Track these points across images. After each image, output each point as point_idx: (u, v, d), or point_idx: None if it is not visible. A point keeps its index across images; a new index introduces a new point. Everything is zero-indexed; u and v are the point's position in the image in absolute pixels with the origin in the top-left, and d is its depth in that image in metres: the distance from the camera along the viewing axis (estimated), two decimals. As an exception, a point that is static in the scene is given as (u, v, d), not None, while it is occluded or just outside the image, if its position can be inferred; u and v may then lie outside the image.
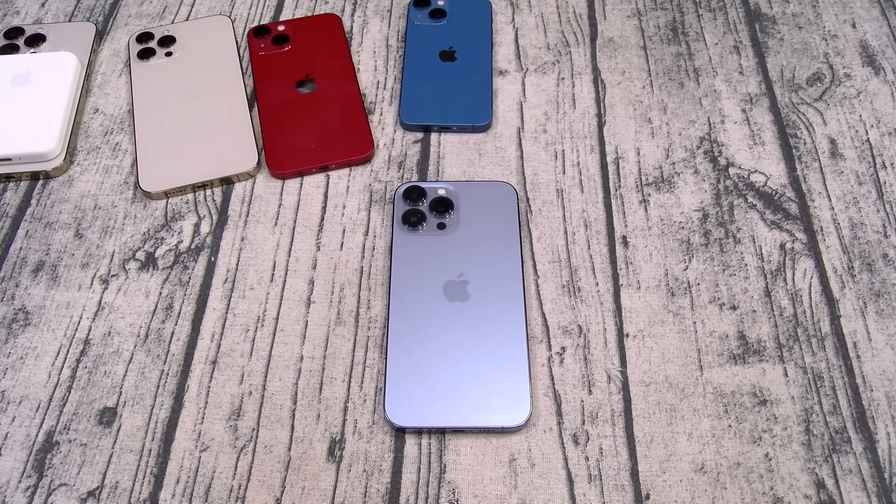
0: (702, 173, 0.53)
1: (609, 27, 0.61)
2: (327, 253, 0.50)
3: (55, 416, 0.44)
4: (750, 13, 0.62)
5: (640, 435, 0.43)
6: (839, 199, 0.52)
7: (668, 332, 0.46)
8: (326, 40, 0.60)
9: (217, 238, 0.51)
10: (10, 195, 0.53)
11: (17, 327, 0.47)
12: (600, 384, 0.44)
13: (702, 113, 0.56)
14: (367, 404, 0.44)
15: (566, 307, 0.47)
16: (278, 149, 0.54)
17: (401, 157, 0.54)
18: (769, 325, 0.46)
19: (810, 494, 0.41)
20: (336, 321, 0.47)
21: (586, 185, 0.52)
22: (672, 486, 0.41)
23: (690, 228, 0.50)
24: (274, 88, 0.57)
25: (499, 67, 0.59)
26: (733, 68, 0.58)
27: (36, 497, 0.41)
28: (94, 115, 0.57)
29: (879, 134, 0.55)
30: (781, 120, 0.55)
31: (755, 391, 0.44)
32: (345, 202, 0.52)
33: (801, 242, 0.50)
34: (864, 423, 0.43)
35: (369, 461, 0.42)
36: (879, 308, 0.47)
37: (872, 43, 0.60)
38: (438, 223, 0.49)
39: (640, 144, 0.54)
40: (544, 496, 0.41)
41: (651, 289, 0.48)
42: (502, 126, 0.56)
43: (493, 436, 0.43)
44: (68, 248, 0.50)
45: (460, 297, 0.46)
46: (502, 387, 0.43)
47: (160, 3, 0.64)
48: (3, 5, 0.64)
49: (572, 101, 0.57)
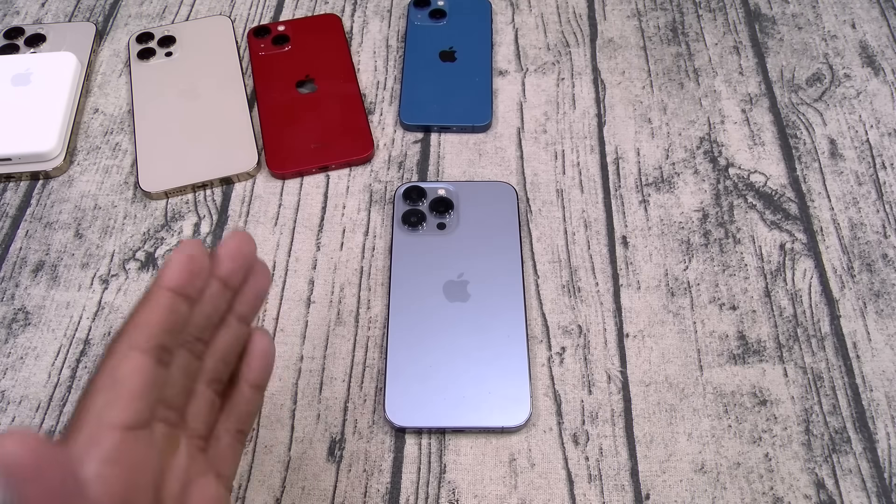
0: (702, 173, 0.53)
1: (609, 27, 0.61)
2: (327, 253, 0.50)
3: (55, 416, 0.44)
4: (750, 14, 0.62)
5: (640, 435, 0.43)
6: (839, 199, 0.52)
7: (667, 333, 0.46)
8: (326, 40, 0.60)
9: (217, 238, 0.51)
10: (10, 195, 0.53)
11: (17, 327, 0.47)
12: (600, 384, 0.44)
13: (702, 113, 0.56)
14: (367, 404, 0.44)
15: (566, 307, 0.47)
16: (278, 149, 0.54)
17: (401, 157, 0.54)
18: (769, 326, 0.46)
19: (810, 494, 0.41)
20: (336, 321, 0.47)
21: (586, 185, 0.53)
22: (672, 486, 0.41)
23: (690, 229, 0.50)
24: (274, 88, 0.57)
25: (499, 68, 0.59)
26: (733, 69, 0.58)
27: (36, 497, 0.41)
28: (94, 115, 0.57)
29: (879, 134, 0.55)
30: (781, 120, 0.55)
31: (755, 391, 0.44)
32: (345, 202, 0.52)
33: (800, 243, 0.50)
34: (864, 423, 0.43)
35: (369, 461, 0.42)
36: (879, 308, 0.47)
37: (872, 43, 0.60)
38: (438, 223, 0.49)
39: (639, 145, 0.54)
40: (544, 496, 0.41)
41: (651, 289, 0.48)
42: (502, 126, 0.56)
43: (493, 436, 0.43)
44: (68, 248, 0.50)
45: (460, 297, 0.46)
46: (502, 387, 0.43)
47: (160, 3, 0.64)
48: (3, 5, 0.64)
49: (572, 102, 0.57)
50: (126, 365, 0.27)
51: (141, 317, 0.28)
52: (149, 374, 0.28)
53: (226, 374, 0.33)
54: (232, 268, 0.32)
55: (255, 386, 0.34)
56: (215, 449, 0.32)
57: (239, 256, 0.32)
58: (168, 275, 0.29)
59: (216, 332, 0.32)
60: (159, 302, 0.29)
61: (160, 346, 0.28)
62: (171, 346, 0.29)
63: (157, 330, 0.28)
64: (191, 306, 0.30)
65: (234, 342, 0.33)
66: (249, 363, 0.34)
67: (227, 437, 0.33)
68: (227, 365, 0.33)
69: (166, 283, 0.29)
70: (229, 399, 0.33)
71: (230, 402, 0.33)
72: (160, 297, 0.29)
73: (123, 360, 0.27)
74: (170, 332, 0.29)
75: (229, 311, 0.33)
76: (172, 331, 0.29)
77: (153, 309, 0.29)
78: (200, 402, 0.32)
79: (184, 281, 0.29)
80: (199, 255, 0.30)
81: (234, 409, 0.33)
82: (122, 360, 0.27)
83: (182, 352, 0.30)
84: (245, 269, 0.33)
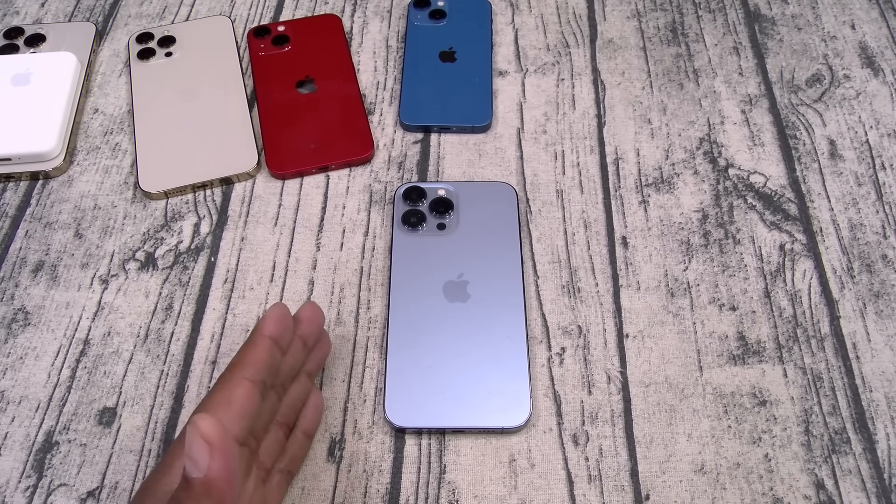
0: (701, 174, 0.53)
1: (609, 28, 0.61)
2: (327, 253, 0.50)
3: (55, 416, 0.44)
4: (749, 14, 0.62)
5: (640, 435, 0.43)
6: (839, 200, 0.52)
7: (667, 333, 0.46)
8: (326, 41, 0.60)
9: (217, 238, 0.51)
10: (10, 195, 0.53)
11: (17, 327, 0.47)
12: (600, 385, 0.44)
13: (701, 114, 0.56)
14: (367, 404, 0.44)
15: (566, 308, 0.47)
16: (278, 149, 0.54)
17: (401, 157, 0.54)
18: (769, 326, 0.46)
19: (810, 495, 0.41)
20: (336, 321, 0.47)
21: (586, 185, 0.53)
22: (672, 486, 0.41)
23: (690, 229, 0.50)
24: (274, 89, 0.57)
25: (499, 68, 0.59)
26: (733, 69, 0.58)
27: (35, 497, 0.41)
28: (94, 115, 0.57)
29: (879, 135, 0.55)
30: (781, 121, 0.55)
31: (755, 392, 0.44)
32: (345, 202, 0.52)
33: (800, 243, 0.50)
34: (864, 423, 0.43)
35: (369, 461, 0.42)
36: (879, 309, 0.47)
37: (872, 44, 0.60)
38: (438, 223, 0.49)
39: (639, 145, 0.54)
40: (544, 496, 0.41)
41: (651, 289, 0.48)
42: (502, 127, 0.56)
43: (493, 436, 0.43)
44: (68, 248, 0.50)
45: (460, 297, 0.46)
46: (502, 387, 0.43)
47: (160, 3, 0.64)
48: (3, 5, 0.64)
49: (572, 102, 0.57)
50: (240, 390, 0.34)
51: (249, 355, 0.35)
52: (256, 400, 0.34)
53: (293, 420, 0.40)
54: (310, 330, 0.40)
55: (307, 434, 0.41)
56: (269, 484, 0.37)
57: (315, 321, 0.40)
58: (268, 325, 0.36)
59: (292, 382, 0.40)
60: (263, 345, 0.36)
61: (263, 381, 0.35)
62: (268, 384, 0.36)
63: (263, 367, 0.35)
64: (282, 355, 0.37)
65: (302, 394, 0.40)
66: (306, 414, 0.41)
67: (279, 476, 0.38)
68: (294, 412, 0.40)
69: (267, 332, 0.36)
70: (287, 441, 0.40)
71: (287, 443, 0.39)
72: (263, 342, 0.36)
73: (238, 387, 0.34)
74: (270, 372, 0.36)
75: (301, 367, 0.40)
76: (271, 371, 0.36)
77: (259, 350, 0.35)
78: (272, 439, 0.38)
79: (279, 332, 0.36)
80: (287, 315, 0.37)
81: (289, 451, 0.39)
82: (236, 386, 0.34)
83: (271, 393, 0.37)
84: (318, 334, 0.41)
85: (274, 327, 0.36)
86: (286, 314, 0.37)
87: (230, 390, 0.34)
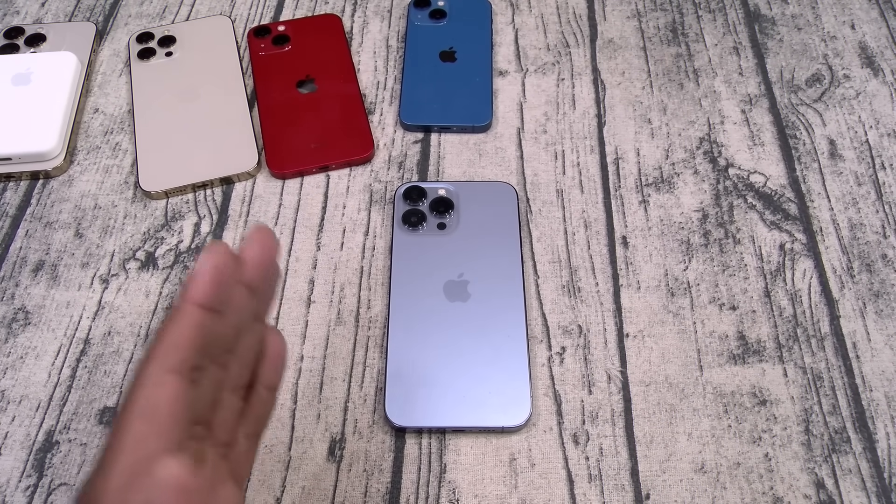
0: (701, 174, 0.53)
1: (609, 28, 0.61)
2: (327, 253, 0.50)
3: (55, 415, 0.44)
4: (749, 14, 0.62)
5: (640, 435, 0.43)
6: (838, 199, 0.52)
7: (667, 333, 0.46)
8: (326, 40, 0.60)
9: (217, 238, 0.51)
10: (10, 195, 0.53)
11: (17, 327, 0.47)
12: (600, 384, 0.44)
13: (701, 114, 0.56)
14: (367, 404, 0.44)
15: (566, 307, 0.47)
16: (278, 149, 0.54)
17: (401, 157, 0.54)
18: (769, 326, 0.46)
19: (810, 494, 0.41)
20: (336, 321, 0.47)
21: (586, 185, 0.53)
22: (672, 485, 0.41)
23: (690, 229, 0.50)
24: (274, 88, 0.57)
25: (499, 68, 0.59)
26: (733, 69, 0.58)
27: (36, 497, 0.41)
28: (94, 114, 0.57)
29: (878, 135, 0.55)
30: (781, 121, 0.56)
31: (755, 391, 0.44)
32: (345, 202, 0.52)
33: (800, 243, 0.50)
34: (864, 423, 0.43)
35: (369, 461, 0.42)
36: (879, 308, 0.47)
37: (871, 44, 0.60)
38: (438, 223, 0.49)
39: (639, 145, 0.54)
40: (544, 496, 0.41)
41: (651, 289, 0.48)
42: (502, 126, 0.56)
43: (494, 436, 0.43)
44: (68, 248, 0.50)
45: (460, 297, 0.46)
46: (502, 387, 0.43)
47: (160, 3, 0.64)
48: (3, 5, 0.64)
49: (572, 102, 0.57)
50: (162, 392, 0.26)
51: (171, 336, 0.27)
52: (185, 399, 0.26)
53: (247, 378, 0.32)
54: (259, 274, 0.30)
55: (270, 388, 0.33)
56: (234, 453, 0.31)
57: (265, 259, 0.31)
58: (195, 289, 0.27)
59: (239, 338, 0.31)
60: (189, 319, 0.27)
61: (193, 366, 0.27)
62: (203, 364, 0.28)
63: (190, 351, 0.27)
64: (219, 318, 0.28)
65: (255, 345, 0.32)
66: (266, 365, 0.32)
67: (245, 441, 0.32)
68: (248, 369, 0.32)
69: (194, 299, 0.27)
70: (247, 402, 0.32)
71: (247, 405, 0.32)
72: (189, 314, 0.27)
73: (159, 388, 0.26)
74: (201, 351, 0.27)
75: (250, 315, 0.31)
76: (204, 348, 0.28)
77: (183, 327, 0.27)
78: (225, 410, 0.31)
79: (212, 294, 0.27)
80: (226, 263, 0.28)
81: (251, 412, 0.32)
82: (157, 387, 0.26)
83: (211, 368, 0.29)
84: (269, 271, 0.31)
85: (203, 289, 0.27)
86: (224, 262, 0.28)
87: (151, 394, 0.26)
